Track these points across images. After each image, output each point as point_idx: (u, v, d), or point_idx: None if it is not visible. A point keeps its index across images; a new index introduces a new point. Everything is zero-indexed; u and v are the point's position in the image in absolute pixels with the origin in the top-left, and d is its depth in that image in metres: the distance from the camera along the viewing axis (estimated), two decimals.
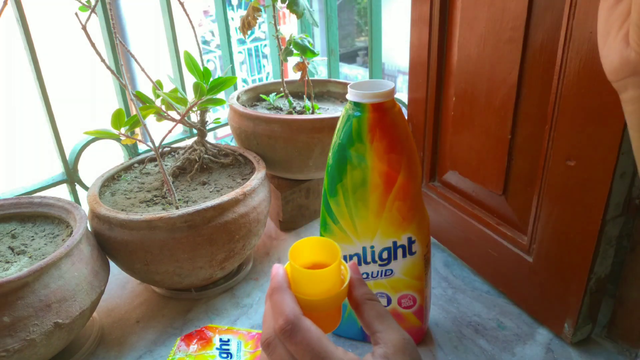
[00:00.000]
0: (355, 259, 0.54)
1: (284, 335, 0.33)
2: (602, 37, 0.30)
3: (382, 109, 0.48)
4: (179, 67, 0.85)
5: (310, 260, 0.40)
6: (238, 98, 0.86)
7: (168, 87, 0.70)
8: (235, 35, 3.54)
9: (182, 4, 0.69)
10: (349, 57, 5.37)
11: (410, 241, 0.52)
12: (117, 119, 0.65)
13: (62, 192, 0.76)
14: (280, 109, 0.86)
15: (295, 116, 0.78)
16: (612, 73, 0.29)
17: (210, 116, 0.76)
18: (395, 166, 0.49)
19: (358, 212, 0.51)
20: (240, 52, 4.02)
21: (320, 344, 0.32)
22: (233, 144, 0.90)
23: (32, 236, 0.62)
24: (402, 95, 0.98)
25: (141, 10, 3.34)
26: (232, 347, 0.60)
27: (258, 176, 0.68)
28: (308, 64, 0.81)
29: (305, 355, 0.32)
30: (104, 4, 0.75)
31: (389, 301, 0.56)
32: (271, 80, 0.98)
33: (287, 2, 0.75)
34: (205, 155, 0.75)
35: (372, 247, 0.53)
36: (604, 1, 0.30)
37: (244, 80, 4.05)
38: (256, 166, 0.72)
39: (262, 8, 0.78)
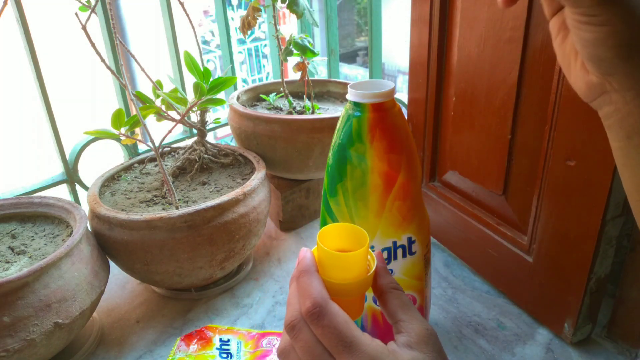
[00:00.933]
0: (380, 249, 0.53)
1: (310, 318, 0.32)
2: (565, 68, 0.33)
3: (382, 109, 0.48)
4: (179, 67, 0.85)
5: (337, 246, 0.39)
6: (238, 98, 0.86)
7: (168, 87, 0.70)
8: (235, 35, 3.54)
9: (182, 4, 0.69)
10: (349, 57, 5.37)
11: (410, 241, 0.52)
12: (117, 119, 0.65)
13: (62, 192, 0.76)
14: (280, 109, 0.86)
15: (295, 116, 0.78)
16: (585, 97, 0.32)
17: (210, 116, 0.76)
18: (395, 166, 0.49)
19: (358, 212, 0.51)
20: (240, 52, 4.02)
21: (348, 328, 0.32)
22: (233, 144, 0.90)
23: (32, 236, 0.62)
24: (402, 95, 0.98)
25: (141, 10, 3.34)
26: (232, 347, 0.60)
27: (258, 176, 0.68)
28: (308, 64, 0.81)
29: (332, 339, 0.32)
30: (104, 4, 0.75)
31: None
32: (271, 80, 0.98)
33: (287, 2, 0.74)
34: (205, 155, 0.75)
35: (372, 247, 0.53)
36: (554, 40, 0.33)
37: (244, 80, 4.05)
38: (256, 166, 0.72)
39: (262, 8, 0.78)
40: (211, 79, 0.68)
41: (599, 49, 0.28)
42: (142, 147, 0.86)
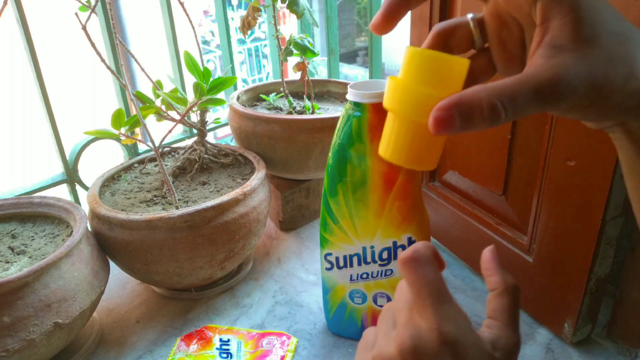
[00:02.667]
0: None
1: (409, 261, 0.29)
2: None
3: (382, 109, 0.47)
4: (179, 67, 0.85)
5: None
6: (238, 98, 0.86)
7: (168, 87, 0.70)
8: (235, 35, 3.54)
9: (182, 4, 0.69)
10: (349, 57, 5.37)
11: (410, 241, 0.52)
12: (117, 119, 0.65)
13: (62, 192, 0.76)
14: (280, 109, 0.86)
15: (295, 116, 0.78)
16: (593, 127, 0.31)
17: (210, 116, 0.76)
18: (395, 166, 0.49)
19: (358, 212, 0.51)
20: (240, 52, 4.01)
21: (443, 285, 0.29)
22: (233, 144, 0.90)
23: (32, 236, 0.62)
24: None
25: (141, 10, 3.34)
26: (232, 347, 0.60)
27: (258, 176, 0.68)
28: (308, 64, 0.81)
29: (424, 288, 0.28)
30: (104, 4, 0.75)
31: (389, 301, 0.56)
32: (271, 80, 0.98)
33: (287, 2, 0.74)
34: (205, 155, 0.75)
35: (372, 247, 0.53)
36: None
37: (244, 80, 4.05)
38: (256, 166, 0.72)
39: (262, 8, 0.78)
40: (211, 79, 0.68)
41: (591, 120, 0.29)
42: (142, 147, 0.86)
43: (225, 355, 0.59)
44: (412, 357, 0.27)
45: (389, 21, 0.30)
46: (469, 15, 0.32)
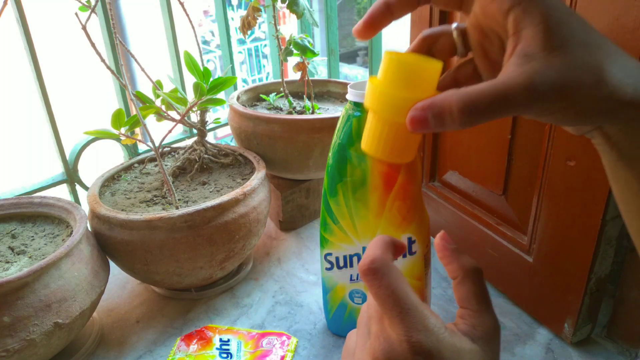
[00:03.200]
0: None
1: (366, 274, 0.29)
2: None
3: None
4: (179, 67, 0.85)
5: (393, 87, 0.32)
6: (238, 98, 0.86)
7: (168, 87, 0.70)
8: (235, 35, 3.54)
9: (182, 4, 0.69)
10: (349, 57, 5.37)
11: (410, 241, 0.52)
12: (117, 119, 0.65)
13: (62, 192, 0.76)
14: (280, 109, 0.86)
15: (295, 116, 0.78)
16: (574, 133, 0.32)
17: (210, 116, 0.76)
18: (395, 166, 0.49)
19: (358, 212, 0.51)
20: (240, 52, 4.01)
21: (407, 294, 0.29)
22: (233, 144, 0.90)
23: (32, 236, 0.62)
24: None
25: (141, 10, 3.34)
26: (232, 347, 0.60)
27: (258, 176, 0.68)
28: (308, 64, 0.81)
29: (387, 301, 0.28)
30: (104, 4, 0.75)
31: None
32: (271, 80, 0.98)
33: (287, 2, 0.74)
34: (205, 155, 0.75)
35: None
36: None
37: (244, 80, 4.05)
38: (256, 166, 0.72)
39: (262, 8, 0.78)
40: (211, 79, 0.68)
41: (567, 125, 0.30)
42: (142, 147, 0.86)
43: (225, 355, 0.59)
44: None
45: (371, 30, 0.32)
46: (454, 25, 0.33)
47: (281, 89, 0.88)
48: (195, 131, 0.77)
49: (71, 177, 0.78)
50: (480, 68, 0.33)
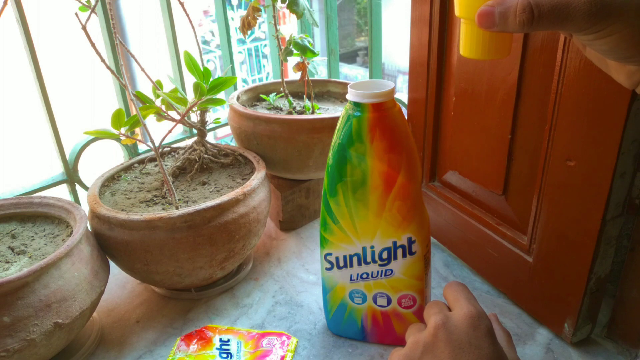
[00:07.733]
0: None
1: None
2: (603, 68, 0.36)
3: (382, 109, 0.48)
4: (179, 67, 0.85)
5: None
6: (238, 98, 0.86)
7: (168, 87, 0.70)
8: (235, 35, 3.54)
9: (182, 4, 0.69)
10: (349, 57, 5.37)
11: (410, 241, 0.52)
12: (117, 119, 0.65)
13: (62, 192, 0.76)
14: (280, 109, 0.86)
15: (295, 116, 0.78)
16: (629, 85, 0.34)
17: (210, 116, 0.76)
18: (395, 166, 0.49)
19: (358, 212, 0.51)
20: (240, 52, 4.01)
21: None
22: (233, 144, 0.90)
23: (32, 236, 0.62)
24: (402, 95, 0.98)
25: (141, 10, 3.34)
26: (232, 347, 0.60)
27: (258, 176, 0.68)
28: (308, 64, 0.81)
29: None
30: (104, 4, 0.75)
31: (389, 301, 0.56)
32: (271, 80, 0.98)
33: (287, 2, 0.74)
34: (205, 155, 0.75)
35: (372, 247, 0.53)
36: (583, 51, 0.36)
37: (244, 80, 4.05)
38: (256, 166, 0.72)
39: (262, 8, 0.78)
40: (211, 79, 0.68)
41: (618, 53, 0.30)
42: (142, 147, 0.86)
43: (225, 355, 0.59)
44: None
45: None
46: None
47: (281, 89, 0.88)
48: (195, 131, 0.77)
49: (71, 177, 0.78)
50: None
